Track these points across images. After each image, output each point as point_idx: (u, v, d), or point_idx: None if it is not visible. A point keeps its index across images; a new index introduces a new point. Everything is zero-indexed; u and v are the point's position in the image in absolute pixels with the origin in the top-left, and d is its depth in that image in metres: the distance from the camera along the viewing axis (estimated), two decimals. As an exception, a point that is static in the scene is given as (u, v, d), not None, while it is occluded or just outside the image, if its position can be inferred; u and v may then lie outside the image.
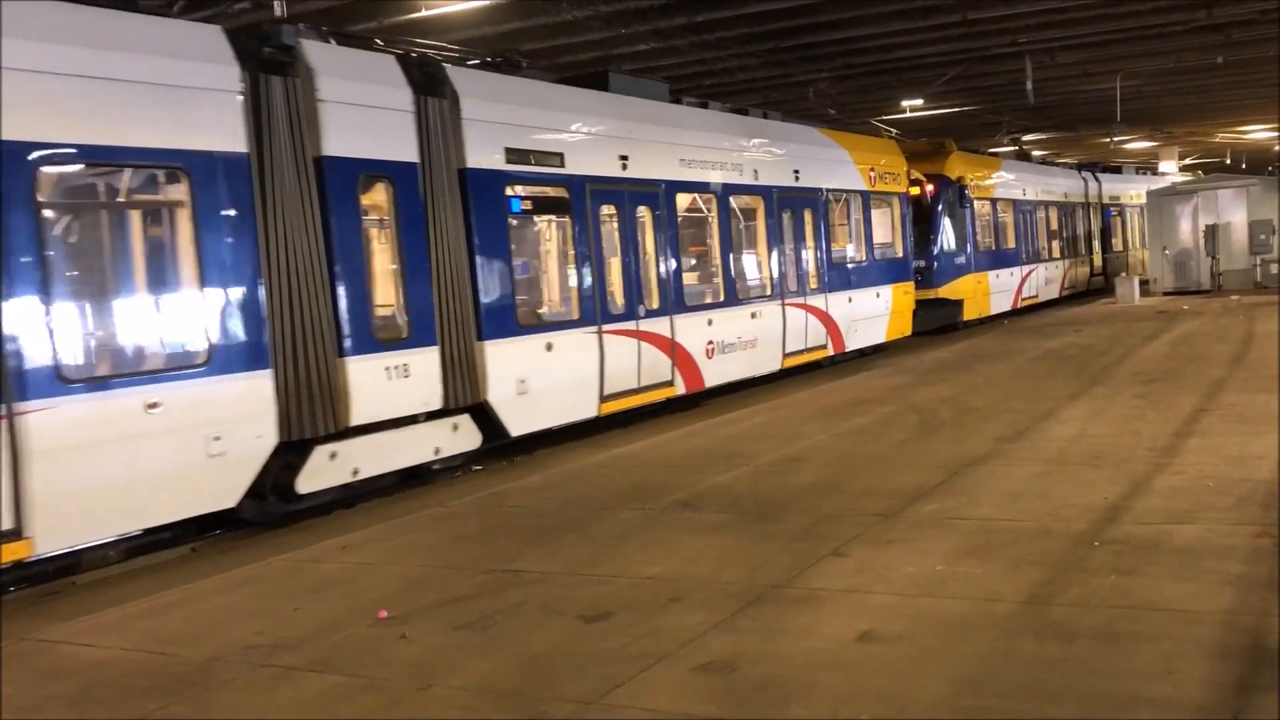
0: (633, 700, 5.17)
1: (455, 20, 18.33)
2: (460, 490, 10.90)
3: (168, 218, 9.70)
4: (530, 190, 13.07)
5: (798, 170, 18.58)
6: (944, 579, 6.60)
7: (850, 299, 19.84)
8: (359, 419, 10.38)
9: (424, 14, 17.47)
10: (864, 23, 21.26)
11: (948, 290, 25.70)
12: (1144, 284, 31.28)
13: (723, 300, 16.36)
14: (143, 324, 9.57)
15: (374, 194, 11.11)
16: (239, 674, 5.93)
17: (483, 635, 6.23)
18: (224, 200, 9.40)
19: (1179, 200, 32.24)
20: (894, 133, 28.31)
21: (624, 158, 14.35)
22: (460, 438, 11.68)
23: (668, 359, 14.78)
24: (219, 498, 9.31)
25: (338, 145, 10.36)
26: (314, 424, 9.90)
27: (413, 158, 11.16)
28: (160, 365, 9.18)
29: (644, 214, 14.82)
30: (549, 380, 12.68)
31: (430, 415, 11.26)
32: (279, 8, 12.47)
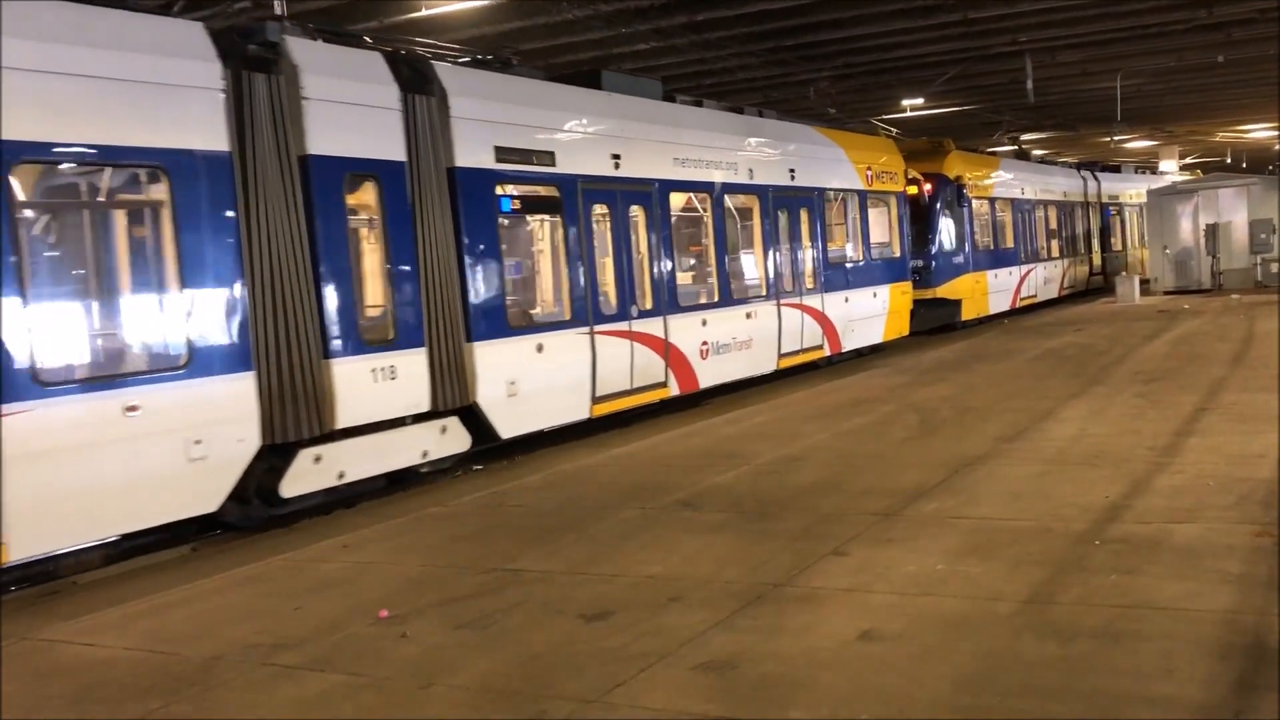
0: (633, 699, 5.17)
1: (455, 20, 18.32)
2: (460, 490, 10.89)
3: (148, 218, 9.55)
4: (521, 189, 12.97)
5: (794, 169, 18.52)
6: (944, 578, 6.60)
7: (847, 299, 19.76)
8: (344, 422, 10.23)
9: (424, 13, 17.46)
10: (864, 22, 21.24)
11: (946, 290, 25.65)
12: (1144, 283, 31.29)
13: (717, 300, 16.27)
14: (122, 326, 9.48)
15: (360, 193, 10.97)
16: (239, 673, 5.94)
17: (483, 634, 6.23)
18: (205, 200, 9.23)
19: (1179, 199, 32.26)
20: (894, 132, 28.28)
21: (616, 156, 14.25)
22: (449, 440, 11.53)
23: (661, 360, 14.68)
24: (200, 502, 9.15)
25: (323, 144, 10.23)
26: (298, 427, 9.74)
27: (400, 156, 11.02)
28: (139, 367, 9.05)
29: (637, 213, 14.74)
30: (540, 382, 12.56)
31: (418, 418, 11.13)
32: (279, 6, 12.38)
